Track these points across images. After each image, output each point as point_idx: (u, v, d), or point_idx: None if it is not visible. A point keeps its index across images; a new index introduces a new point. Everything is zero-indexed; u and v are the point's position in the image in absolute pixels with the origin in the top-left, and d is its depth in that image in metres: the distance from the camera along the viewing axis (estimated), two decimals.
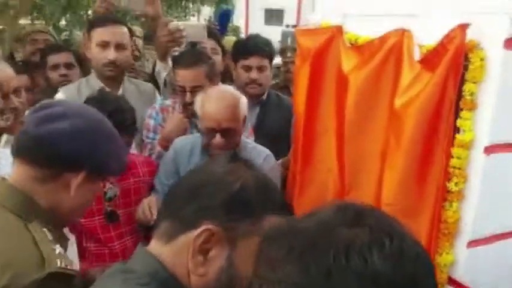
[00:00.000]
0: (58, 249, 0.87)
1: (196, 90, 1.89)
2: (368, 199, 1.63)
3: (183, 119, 1.97)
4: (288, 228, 0.55)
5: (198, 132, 1.87)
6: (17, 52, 3.33)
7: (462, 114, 1.33)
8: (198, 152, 1.80)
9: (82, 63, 2.49)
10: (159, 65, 2.23)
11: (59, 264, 0.83)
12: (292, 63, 2.35)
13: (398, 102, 1.45)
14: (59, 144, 0.91)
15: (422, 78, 1.38)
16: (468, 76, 1.28)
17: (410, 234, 0.52)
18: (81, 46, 2.55)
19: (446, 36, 1.28)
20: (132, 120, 1.67)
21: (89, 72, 2.21)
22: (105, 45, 2.03)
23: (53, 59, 2.46)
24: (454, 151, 1.36)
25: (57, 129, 0.91)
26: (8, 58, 3.07)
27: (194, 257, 0.72)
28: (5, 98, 1.44)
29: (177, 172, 1.78)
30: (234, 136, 1.71)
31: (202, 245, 0.72)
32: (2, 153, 1.47)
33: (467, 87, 1.29)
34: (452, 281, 1.46)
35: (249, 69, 2.17)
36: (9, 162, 1.01)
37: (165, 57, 2.19)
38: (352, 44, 1.65)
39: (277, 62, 2.79)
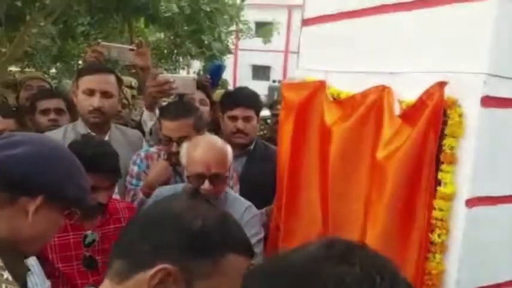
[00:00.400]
0: (6, 275, 0.84)
1: (183, 141, 1.89)
2: None
3: (168, 167, 1.97)
4: (272, 266, 0.53)
5: (182, 181, 1.86)
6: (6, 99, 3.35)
7: (443, 167, 1.36)
8: None
9: (72, 109, 2.50)
10: (145, 114, 2.26)
11: None
12: None
13: (380, 154, 1.47)
14: (11, 168, 0.93)
15: (403, 132, 1.42)
16: (448, 131, 1.32)
17: (401, 273, 0.51)
18: (69, 94, 2.58)
19: (426, 93, 1.34)
20: (114, 165, 1.66)
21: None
22: (90, 93, 2.07)
23: (43, 104, 2.48)
24: (436, 203, 1.38)
25: (10, 154, 0.93)
26: None
27: None
28: None
29: None
30: (222, 183, 1.72)
31: (157, 286, 0.68)
32: None
33: (447, 142, 1.33)
34: None
35: (235, 119, 2.21)
36: None
37: (152, 107, 2.23)
38: (334, 98, 1.70)
39: (264, 114, 2.85)
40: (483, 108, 1.27)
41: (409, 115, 1.41)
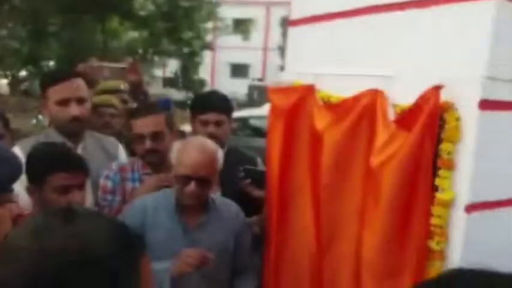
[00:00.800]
0: None
1: (157, 137, 1.93)
2: (348, 257, 1.59)
3: (157, 184, 1.91)
4: None
5: None
6: None
7: (440, 173, 1.32)
8: (163, 209, 1.74)
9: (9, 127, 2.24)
10: None
11: None
12: None
13: (374, 161, 1.43)
14: None
15: (398, 138, 1.38)
16: (444, 136, 1.29)
17: None
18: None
19: (421, 97, 1.30)
20: (83, 162, 1.64)
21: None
22: (65, 103, 1.97)
23: None
24: (435, 210, 1.34)
25: None
26: None
27: None
28: None
29: (142, 232, 1.69)
30: (207, 187, 1.69)
31: None
32: None
33: (444, 147, 1.29)
34: None
35: (206, 123, 2.14)
36: None
37: None
38: (325, 102, 1.65)
39: (244, 114, 2.82)
40: (481, 111, 1.23)
41: (405, 120, 1.37)
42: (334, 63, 1.64)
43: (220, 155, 1.72)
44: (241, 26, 19.17)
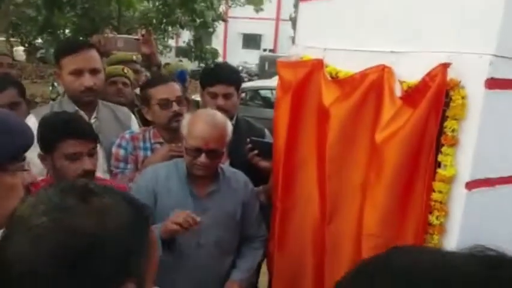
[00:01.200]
0: None
1: (181, 103, 2.05)
2: (349, 229, 1.63)
3: (169, 153, 1.96)
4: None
5: None
6: None
7: (444, 149, 1.34)
8: (174, 177, 1.78)
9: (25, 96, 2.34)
10: None
11: None
12: None
13: (379, 137, 1.45)
14: None
15: (404, 114, 1.39)
16: (450, 113, 1.30)
17: None
18: None
19: (428, 74, 1.30)
20: (91, 129, 1.69)
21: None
22: (79, 73, 2.01)
23: None
24: (436, 185, 1.37)
25: None
26: None
27: None
28: None
29: (154, 199, 1.75)
30: (218, 158, 1.75)
31: None
32: None
33: (449, 124, 1.31)
34: None
35: (215, 96, 2.17)
36: None
37: None
38: (332, 77, 1.66)
39: (255, 84, 2.83)
40: (488, 90, 1.24)
41: (411, 97, 1.38)
42: (343, 39, 1.64)
43: (230, 128, 1.76)
44: None
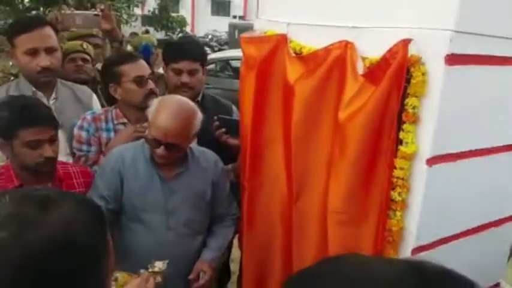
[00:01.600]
0: None
1: (153, 81, 1.99)
2: (315, 207, 1.64)
3: (134, 135, 1.90)
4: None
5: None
6: None
7: (405, 127, 1.34)
8: (141, 159, 1.74)
9: None
10: None
11: None
12: None
13: (342, 114, 1.44)
14: None
15: (366, 91, 1.38)
16: (410, 90, 1.30)
17: None
18: None
19: (389, 51, 1.29)
20: (51, 115, 1.62)
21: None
22: (34, 53, 1.90)
23: None
24: (397, 162, 1.38)
25: None
26: None
27: None
28: None
29: (121, 182, 1.71)
30: (178, 151, 1.69)
31: None
32: None
33: (410, 101, 1.31)
34: None
35: (179, 72, 2.10)
36: None
37: None
38: (296, 53, 1.62)
39: (226, 55, 2.77)
40: (448, 66, 1.23)
41: (373, 74, 1.37)
42: (306, 13, 1.60)
43: (198, 120, 1.68)
44: None
